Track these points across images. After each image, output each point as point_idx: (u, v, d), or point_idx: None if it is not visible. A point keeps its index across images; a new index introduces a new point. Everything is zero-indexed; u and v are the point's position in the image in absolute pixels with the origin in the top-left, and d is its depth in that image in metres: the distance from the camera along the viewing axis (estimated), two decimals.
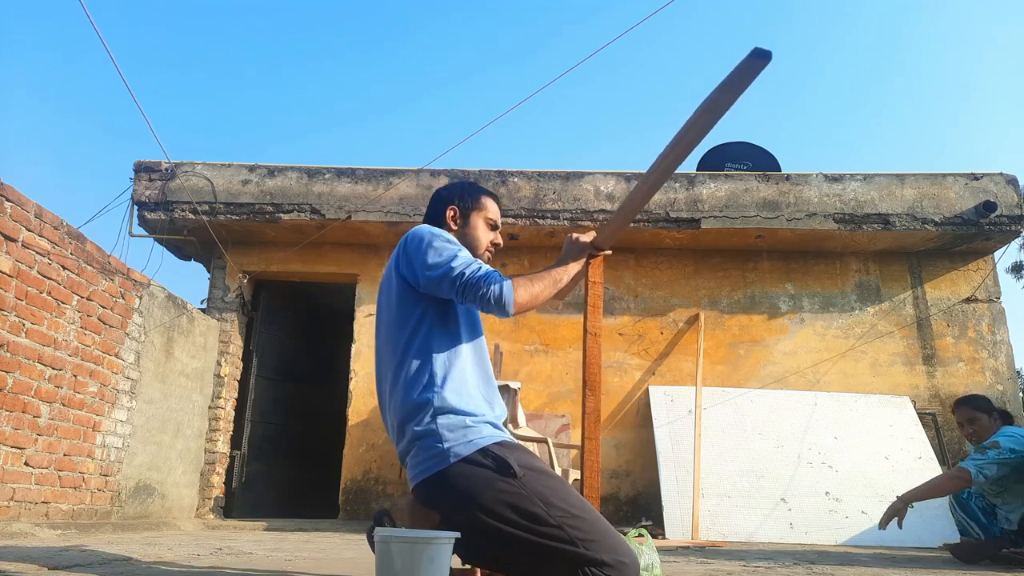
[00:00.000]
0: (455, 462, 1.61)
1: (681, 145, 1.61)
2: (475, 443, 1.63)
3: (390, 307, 1.80)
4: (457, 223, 1.96)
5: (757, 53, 1.35)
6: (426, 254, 1.73)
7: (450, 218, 1.95)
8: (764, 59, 1.35)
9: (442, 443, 1.63)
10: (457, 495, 1.60)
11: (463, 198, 1.98)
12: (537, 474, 1.62)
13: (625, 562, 1.54)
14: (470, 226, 1.96)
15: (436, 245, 1.74)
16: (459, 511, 1.59)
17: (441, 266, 1.70)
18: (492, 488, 1.57)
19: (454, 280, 1.68)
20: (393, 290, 1.80)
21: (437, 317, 1.76)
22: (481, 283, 1.66)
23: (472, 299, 1.68)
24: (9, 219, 3.65)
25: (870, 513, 5.27)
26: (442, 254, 1.72)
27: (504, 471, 1.59)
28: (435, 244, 1.74)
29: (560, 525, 1.53)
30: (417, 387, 1.69)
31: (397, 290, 1.78)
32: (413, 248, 1.76)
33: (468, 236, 1.95)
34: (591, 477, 1.68)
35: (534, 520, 1.54)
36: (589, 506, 1.62)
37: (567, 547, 1.52)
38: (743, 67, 1.36)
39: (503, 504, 1.56)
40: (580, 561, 1.51)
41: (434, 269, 1.70)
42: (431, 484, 1.63)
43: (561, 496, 1.59)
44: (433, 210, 1.99)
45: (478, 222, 1.97)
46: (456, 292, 1.69)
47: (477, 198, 1.99)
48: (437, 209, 1.98)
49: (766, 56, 1.35)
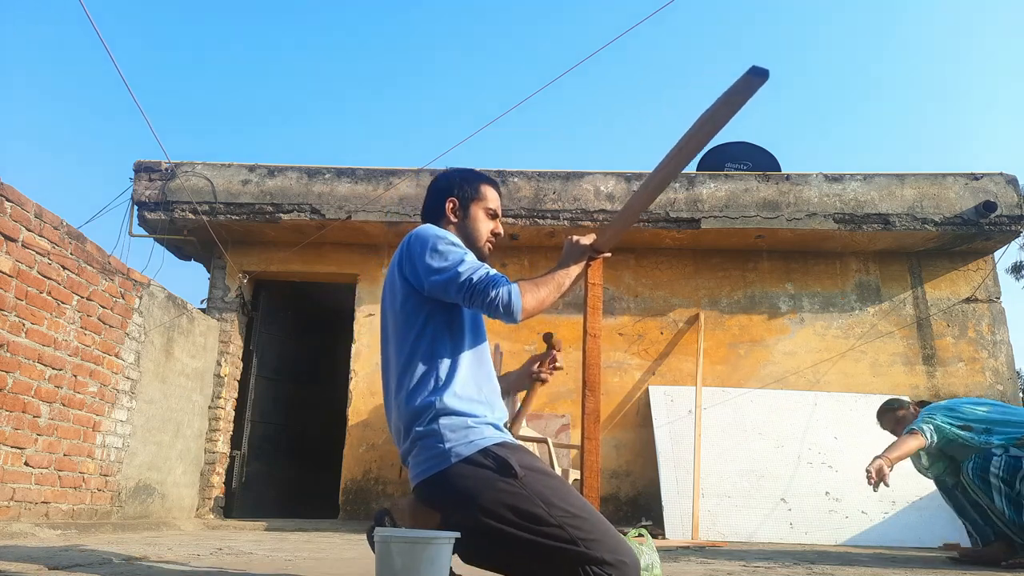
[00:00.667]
0: (456, 462, 1.61)
1: (679, 156, 1.62)
2: (476, 444, 1.63)
3: (395, 311, 1.78)
4: (457, 215, 1.93)
5: (755, 71, 1.35)
6: (431, 258, 1.71)
7: (449, 210, 1.92)
8: (762, 77, 1.35)
9: (443, 443, 1.63)
10: (458, 495, 1.60)
11: (462, 188, 1.94)
12: (538, 474, 1.62)
13: (626, 561, 1.54)
14: (470, 217, 1.93)
15: (441, 249, 1.72)
16: (460, 511, 1.59)
17: (447, 271, 1.69)
18: (493, 488, 1.58)
19: (461, 286, 1.67)
20: (397, 293, 1.78)
21: (442, 321, 1.75)
22: (489, 289, 1.65)
23: (479, 305, 1.67)
24: (9, 219, 3.65)
25: (870, 513, 5.27)
26: (448, 258, 1.70)
27: (505, 471, 1.59)
28: (440, 248, 1.72)
29: (561, 525, 1.53)
30: (421, 392, 1.69)
31: (401, 293, 1.77)
32: (417, 251, 1.74)
33: (468, 228, 1.93)
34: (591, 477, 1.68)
35: (535, 520, 1.54)
36: (590, 506, 1.63)
37: (568, 546, 1.52)
38: (740, 84, 1.36)
39: (504, 504, 1.56)
40: (581, 560, 1.51)
41: (440, 274, 1.69)
42: (432, 484, 1.64)
43: (562, 496, 1.59)
44: (432, 202, 1.96)
45: (478, 213, 1.94)
46: (463, 297, 1.68)
47: (476, 188, 1.95)
48: (436, 200, 1.95)
49: (763, 74, 1.35)
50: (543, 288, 1.75)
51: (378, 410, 6.16)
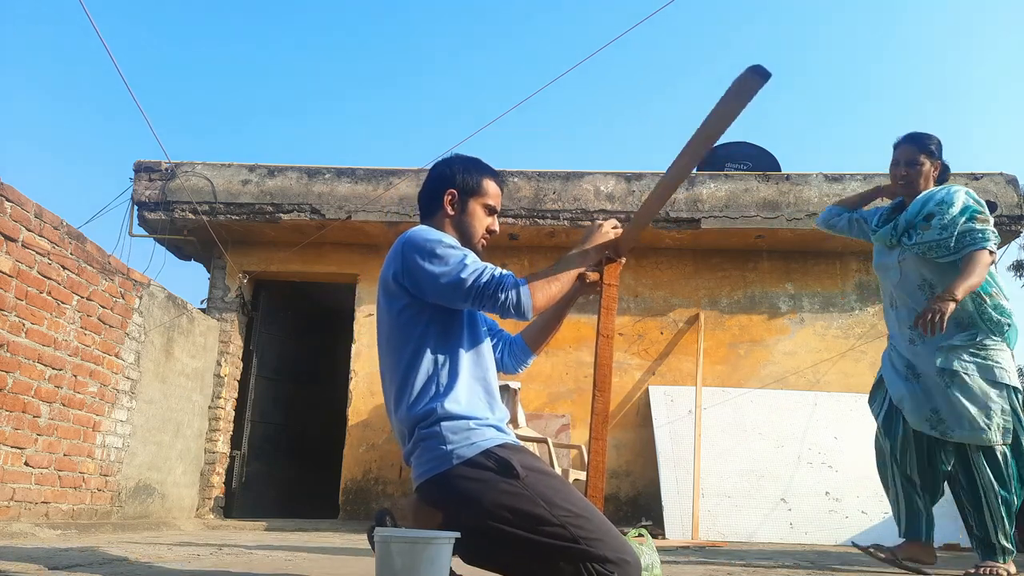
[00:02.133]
0: (458, 464, 1.62)
1: (682, 164, 1.62)
2: (478, 445, 1.63)
3: (391, 316, 1.75)
4: (454, 208, 1.88)
5: (756, 70, 1.32)
6: (432, 264, 1.67)
7: (447, 202, 1.87)
8: (762, 77, 1.32)
9: (445, 445, 1.63)
10: (459, 496, 1.61)
11: (464, 179, 1.89)
12: (540, 475, 1.62)
13: (629, 560, 1.55)
14: (467, 212, 1.88)
15: (440, 253, 1.68)
16: (462, 512, 1.59)
17: (450, 276, 1.65)
18: (495, 490, 1.58)
19: (468, 291, 1.64)
20: (394, 300, 1.75)
21: (440, 325, 1.73)
22: (499, 292, 1.63)
23: (489, 307, 1.65)
24: (9, 219, 3.65)
25: (870, 513, 5.27)
26: (448, 262, 1.67)
27: (507, 472, 1.59)
28: (438, 252, 1.68)
29: (563, 524, 1.54)
30: (423, 399, 1.69)
31: (400, 302, 1.73)
32: (415, 260, 1.69)
33: (464, 223, 1.88)
34: (596, 478, 1.68)
35: (537, 520, 1.55)
36: (592, 506, 1.63)
37: (571, 545, 1.53)
38: (739, 84, 1.34)
39: (506, 505, 1.57)
40: (584, 558, 1.52)
41: (442, 278, 1.66)
42: (434, 484, 1.64)
43: (564, 496, 1.59)
44: (431, 187, 1.91)
45: (476, 208, 1.89)
46: (471, 302, 1.66)
47: (479, 182, 1.90)
48: (435, 187, 1.90)
49: (764, 75, 1.32)
50: (554, 285, 1.73)
51: (378, 410, 6.16)
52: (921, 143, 2.97)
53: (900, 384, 2.87)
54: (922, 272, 2.86)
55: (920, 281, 2.86)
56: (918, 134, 3.01)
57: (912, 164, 2.96)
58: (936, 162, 2.98)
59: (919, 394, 2.81)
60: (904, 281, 2.91)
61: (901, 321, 2.92)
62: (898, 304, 2.96)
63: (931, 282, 2.83)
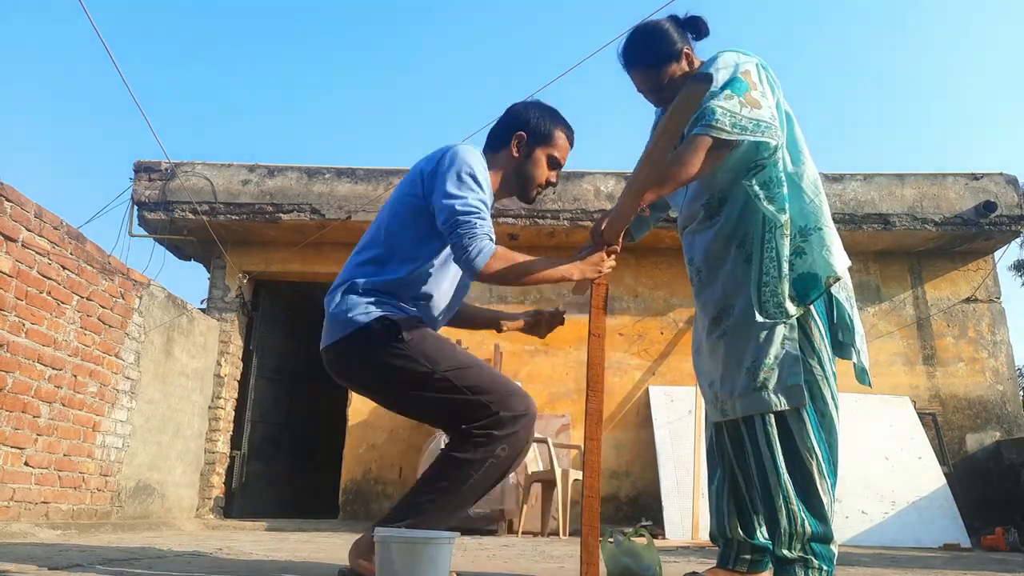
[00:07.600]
0: (354, 329, 1.75)
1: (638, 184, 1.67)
2: (373, 314, 1.75)
3: (406, 197, 1.83)
4: (520, 151, 1.89)
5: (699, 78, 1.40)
6: (450, 182, 1.73)
7: (514, 144, 1.89)
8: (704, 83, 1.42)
9: (349, 312, 1.76)
10: (358, 357, 1.77)
11: (537, 127, 1.89)
12: (427, 339, 1.75)
13: (518, 408, 1.71)
14: (532, 159, 1.90)
15: (464, 178, 1.74)
16: (362, 370, 1.78)
17: (453, 198, 1.71)
18: (383, 351, 1.72)
19: (451, 215, 1.69)
20: (417, 187, 1.81)
21: (442, 243, 1.79)
22: (466, 234, 1.67)
23: (454, 240, 1.70)
24: (9, 219, 3.65)
25: (870, 513, 5.27)
26: (462, 190, 1.72)
27: (394, 335, 1.72)
28: (463, 177, 1.74)
29: (446, 377, 1.70)
30: (376, 270, 1.80)
31: (422, 190, 1.80)
32: (445, 168, 1.76)
33: (525, 168, 1.90)
34: (592, 477, 1.68)
35: (425, 376, 1.70)
36: (481, 362, 1.79)
37: (458, 396, 1.69)
38: (688, 92, 1.38)
39: (395, 367, 1.71)
40: (473, 406, 1.68)
41: (445, 197, 1.72)
42: (334, 348, 1.80)
43: (448, 355, 1.74)
44: (503, 124, 1.93)
45: (540, 157, 1.90)
46: (446, 228, 1.71)
47: (551, 131, 1.90)
48: (507, 125, 1.92)
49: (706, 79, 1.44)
50: (520, 267, 1.69)
51: (378, 410, 6.16)
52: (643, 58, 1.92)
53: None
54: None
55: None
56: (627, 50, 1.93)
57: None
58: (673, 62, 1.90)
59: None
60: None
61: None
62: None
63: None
